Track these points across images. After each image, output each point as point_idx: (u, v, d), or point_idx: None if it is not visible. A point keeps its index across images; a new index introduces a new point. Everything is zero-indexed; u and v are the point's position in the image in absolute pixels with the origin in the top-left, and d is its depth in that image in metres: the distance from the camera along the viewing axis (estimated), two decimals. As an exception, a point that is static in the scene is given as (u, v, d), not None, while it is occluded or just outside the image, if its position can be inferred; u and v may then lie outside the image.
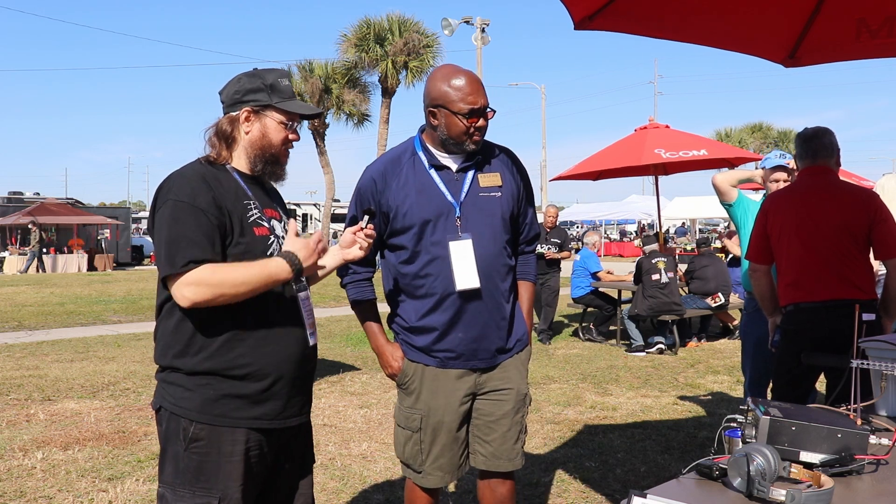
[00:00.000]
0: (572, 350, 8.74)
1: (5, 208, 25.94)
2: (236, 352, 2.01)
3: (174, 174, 2.06)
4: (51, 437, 4.96)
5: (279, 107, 2.11)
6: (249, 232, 2.04)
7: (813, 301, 3.17)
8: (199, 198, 1.97)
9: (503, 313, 2.53)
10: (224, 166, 2.11)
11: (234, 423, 2.01)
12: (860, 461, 1.69)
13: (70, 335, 9.90)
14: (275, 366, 2.05)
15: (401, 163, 2.51)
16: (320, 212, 32.48)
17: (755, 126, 40.18)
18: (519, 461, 2.59)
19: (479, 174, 2.51)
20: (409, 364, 2.57)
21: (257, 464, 2.07)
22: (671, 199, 25.70)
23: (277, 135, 2.13)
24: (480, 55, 23.64)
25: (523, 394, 2.59)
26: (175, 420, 2.01)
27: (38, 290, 16.74)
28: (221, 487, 1.99)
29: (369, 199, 2.51)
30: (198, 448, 1.99)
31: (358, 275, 2.62)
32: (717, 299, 9.16)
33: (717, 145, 9.87)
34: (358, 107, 24.39)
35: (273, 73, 2.15)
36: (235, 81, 2.14)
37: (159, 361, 2.07)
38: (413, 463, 2.57)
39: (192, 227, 1.95)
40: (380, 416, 5.61)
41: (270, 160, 2.14)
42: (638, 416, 5.62)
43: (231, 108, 2.12)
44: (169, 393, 2.04)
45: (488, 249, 2.47)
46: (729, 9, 2.98)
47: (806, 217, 3.22)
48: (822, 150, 3.29)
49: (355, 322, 11.14)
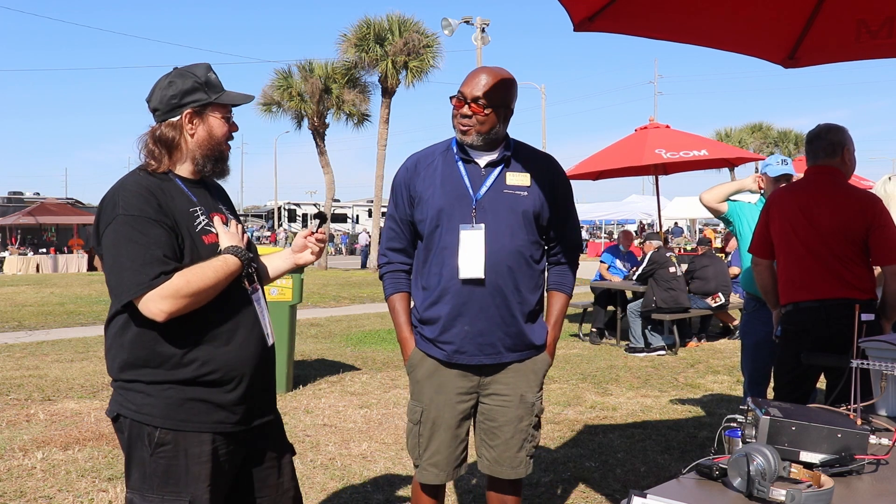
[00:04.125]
0: (572, 350, 8.74)
1: (5, 208, 25.96)
2: (198, 358, 1.98)
3: (116, 187, 2.00)
4: (51, 437, 4.96)
5: (218, 102, 2.07)
6: (199, 241, 2.02)
7: (811, 300, 3.17)
8: (149, 208, 1.93)
9: (512, 311, 2.49)
10: (166, 174, 2.06)
11: (199, 428, 1.99)
12: (860, 461, 1.69)
13: (70, 335, 9.90)
14: (237, 369, 2.04)
15: (434, 155, 2.59)
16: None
17: (755, 126, 40.13)
18: (523, 470, 2.58)
19: (507, 172, 2.53)
20: (417, 355, 2.57)
21: (226, 462, 2.05)
22: (671, 199, 25.68)
23: (221, 130, 2.10)
24: (480, 55, 23.64)
25: (530, 402, 2.56)
26: (137, 427, 1.98)
27: (38, 290, 16.74)
28: (191, 490, 1.97)
29: (402, 187, 2.58)
30: (164, 452, 1.97)
31: (394, 265, 2.64)
32: (718, 299, 9.16)
33: (718, 145, 9.88)
34: (358, 107, 24.35)
35: (201, 68, 2.09)
36: (166, 86, 2.06)
37: (118, 376, 2.01)
38: (413, 456, 2.59)
39: (151, 240, 1.90)
40: (380, 416, 5.61)
41: (218, 158, 2.12)
42: (638, 416, 5.62)
43: (169, 113, 2.05)
44: (129, 400, 1.99)
45: (502, 244, 2.46)
46: (728, 10, 2.97)
47: (804, 217, 3.21)
48: (822, 150, 3.29)
49: (355, 322, 11.20)
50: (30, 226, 24.69)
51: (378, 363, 7.83)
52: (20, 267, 23.02)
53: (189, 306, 1.93)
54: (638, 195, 34.24)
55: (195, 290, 1.92)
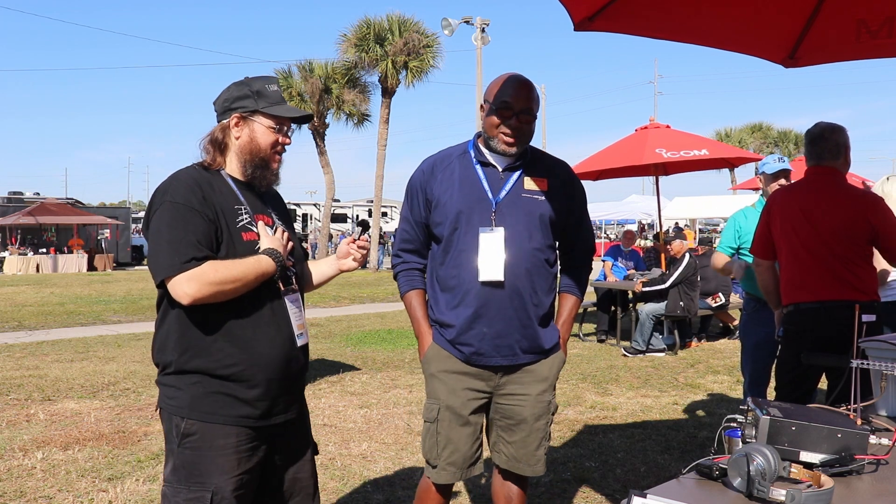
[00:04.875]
0: (572, 350, 8.74)
1: (5, 208, 25.93)
2: (224, 352, 2.07)
3: (170, 177, 2.14)
4: (51, 437, 4.96)
5: (266, 111, 2.19)
6: (237, 236, 2.12)
7: (812, 301, 3.17)
8: (194, 199, 2.05)
9: (529, 314, 2.50)
10: (218, 171, 2.20)
11: (223, 421, 2.08)
12: (860, 461, 1.69)
13: (70, 335, 9.90)
14: (261, 366, 2.11)
15: (451, 157, 2.59)
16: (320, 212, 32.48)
17: (755, 126, 40.15)
18: (540, 468, 2.60)
19: (525, 176, 2.54)
20: (435, 352, 2.57)
21: (249, 458, 2.13)
22: (671, 199, 25.68)
23: (266, 139, 2.21)
24: (480, 55, 23.65)
25: (545, 401, 2.58)
26: (169, 418, 2.10)
27: (38, 290, 16.74)
28: (214, 481, 2.05)
29: (418, 189, 2.59)
30: (190, 444, 2.07)
31: (408, 265, 2.66)
32: (718, 299, 9.15)
33: (718, 145, 9.87)
34: (358, 107, 24.36)
35: (260, 80, 2.24)
36: (226, 91, 2.23)
37: (154, 360, 2.16)
38: (430, 457, 2.59)
39: (190, 227, 2.02)
40: (380, 416, 5.61)
41: (260, 164, 2.22)
42: (638, 416, 5.62)
43: (222, 115, 2.22)
44: (163, 393, 2.13)
45: (521, 247, 2.47)
46: (729, 9, 2.97)
47: (805, 218, 3.21)
48: (826, 151, 3.28)
49: (355, 322, 11.20)
50: (30, 226, 24.67)
51: (378, 363, 7.83)
52: (20, 267, 23.02)
53: (215, 296, 2.02)
54: (638, 195, 34.19)
55: (222, 278, 2.01)
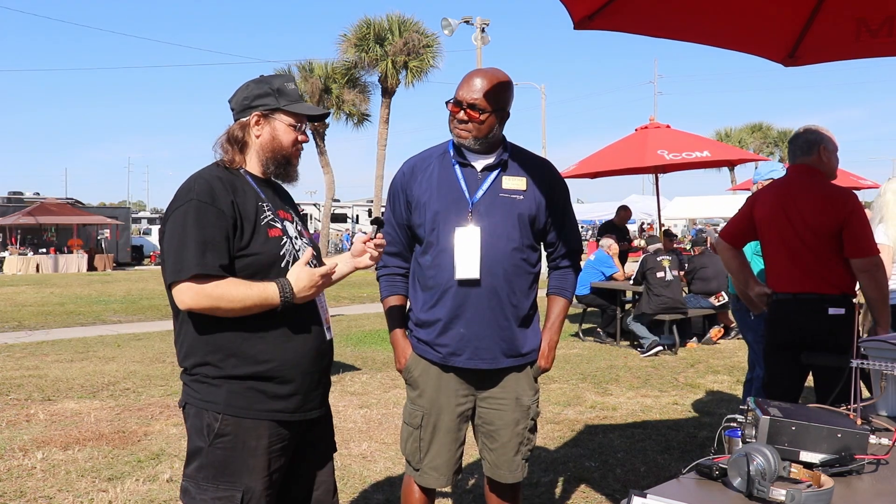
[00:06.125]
0: (572, 350, 8.74)
1: (5, 208, 25.93)
2: (258, 349, 2.07)
3: (195, 176, 2.14)
4: (51, 437, 4.96)
5: (287, 109, 2.19)
6: (263, 233, 2.12)
7: (785, 293, 3.30)
8: (220, 199, 2.04)
9: (507, 315, 2.48)
10: (238, 170, 2.19)
11: (258, 416, 2.07)
12: (860, 461, 1.69)
13: (70, 335, 9.90)
14: (295, 361, 2.12)
15: (432, 158, 2.59)
16: (320, 212, 32.44)
17: (755, 126, 40.19)
18: (520, 473, 2.59)
19: (503, 176, 2.52)
20: (415, 359, 2.57)
21: (279, 457, 2.13)
22: (671, 199, 25.68)
23: (287, 137, 2.21)
24: (480, 55, 23.63)
25: (526, 406, 2.55)
26: (200, 415, 2.08)
27: (38, 290, 16.75)
28: (245, 481, 2.05)
29: (399, 191, 2.59)
30: (222, 443, 2.05)
31: (389, 269, 2.65)
32: (721, 298, 9.14)
33: (719, 146, 9.87)
34: (358, 107, 24.36)
35: (279, 79, 2.24)
36: (244, 88, 2.21)
37: (184, 364, 2.13)
38: (412, 460, 2.59)
39: (215, 229, 2.01)
40: (380, 416, 5.61)
41: (282, 162, 2.22)
42: (638, 416, 5.62)
43: (241, 113, 2.20)
44: (194, 389, 2.10)
45: (498, 246, 2.45)
46: (729, 8, 2.97)
47: (781, 213, 3.32)
48: (798, 149, 3.41)
49: (355, 322, 11.20)
50: (30, 226, 24.67)
51: (378, 363, 7.83)
52: (20, 267, 23.03)
53: (211, 311, 2.01)
54: (638, 195, 34.19)
55: (220, 295, 2.00)
